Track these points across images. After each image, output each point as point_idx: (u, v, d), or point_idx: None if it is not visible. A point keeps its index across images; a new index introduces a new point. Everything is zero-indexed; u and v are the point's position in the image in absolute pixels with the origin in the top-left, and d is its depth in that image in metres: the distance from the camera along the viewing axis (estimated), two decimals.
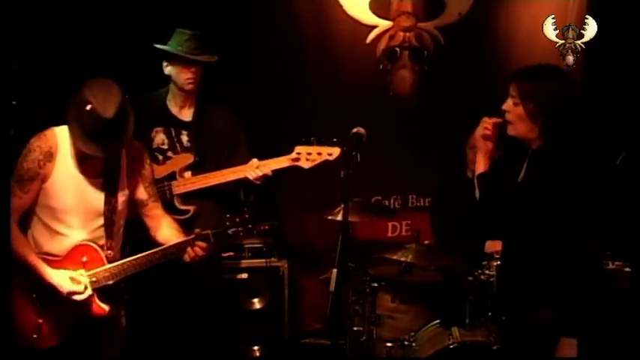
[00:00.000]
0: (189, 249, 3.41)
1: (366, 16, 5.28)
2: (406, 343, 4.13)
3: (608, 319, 3.87)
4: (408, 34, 5.32)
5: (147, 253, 3.37)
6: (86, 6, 4.64)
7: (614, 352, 3.83)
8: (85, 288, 3.23)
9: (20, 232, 3.24)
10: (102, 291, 3.29)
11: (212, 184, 4.07)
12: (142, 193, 3.45)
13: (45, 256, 3.23)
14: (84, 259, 3.26)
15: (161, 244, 3.42)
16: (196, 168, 4.13)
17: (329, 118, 5.01)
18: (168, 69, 4.13)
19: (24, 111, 3.54)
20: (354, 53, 5.31)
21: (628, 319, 3.98)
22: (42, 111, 4.05)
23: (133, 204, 3.44)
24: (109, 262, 3.31)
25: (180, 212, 4.01)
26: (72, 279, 3.22)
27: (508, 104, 3.09)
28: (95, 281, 3.27)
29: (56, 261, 3.25)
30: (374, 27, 5.30)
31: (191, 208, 4.08)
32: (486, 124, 3.15)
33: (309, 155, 4.07)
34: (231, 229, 3.48)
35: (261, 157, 4.12)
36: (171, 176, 4.10)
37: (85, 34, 4.64)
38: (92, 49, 4.60)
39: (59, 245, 3.27)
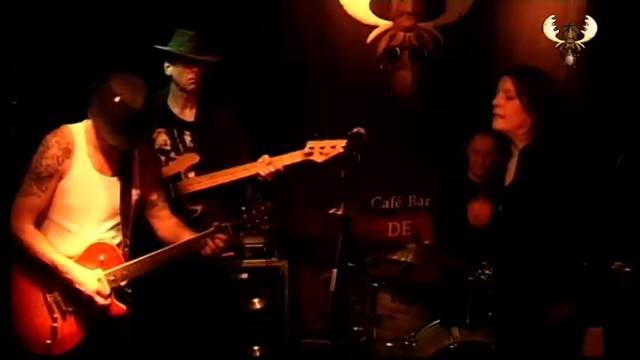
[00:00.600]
0: (209, 241, 3.42)
1: (367, 16, 5.28)
2: (406, 343, 4.14)
3: (609, 319, 3.88)
4: (408, 34, 5.32)
5: (166, 248, 3.37)
6: (86, 6, 4.64)
7: (614, 352, 3.83)
8: (110, 291, 3.23)
9: (37, 230, 3.20)
10: (116, 290, 3.29)
11: (221, 182, 4.03)
12: (152, 193, 3.46)
13: None
14: (101, 257, 3.25)
15: (170, 244, 3.41)
16: (200, 168, 4.12)
17: (329, 118, 5.01)
18: (169, 69, 4.11)
19: (24, 111, 3.53)
20: (355, 53, 5.31)
21: (629, 319, 3.98)
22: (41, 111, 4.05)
23: (143, 204, 3.45)
24: (126, 260, 3.31)
25: (187, 212, 3.99)
26: (99, 280, 3.21)
27: (500, 99, 3.17)
28: (114, 280, 3.26)
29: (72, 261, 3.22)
30: (374, 27, 5.30)
31: (198, 207, 4.05)
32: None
33: (322, 149, 4.00)
34: (249, 222, 3.49)
35: (261, 155, 4.10)
36: (176, 177, 4.07)
37: (84, 35, 4.63)
38: (91, 50, 4.59)
39: (73, 246, 3.24)
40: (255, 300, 4.76)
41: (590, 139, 4.87)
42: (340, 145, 3.96)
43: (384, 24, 5.30)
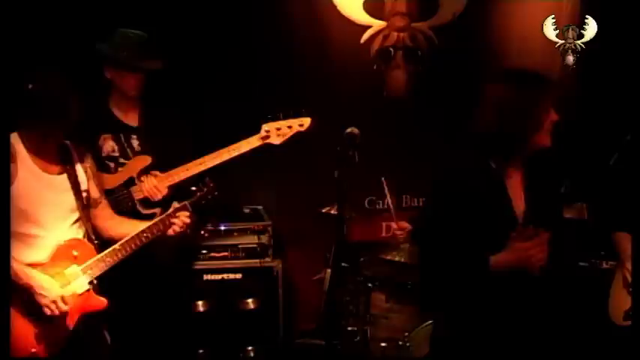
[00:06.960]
0: (175, 220, 3.45)
1: (360, 16, 5.27)
2: (400, 343, 4.14)
3: (601, 319, 3.88)
4: (402, 34, 5.32)
5: (135, 234, 3.37)
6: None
7: (610, 351, 3.83)
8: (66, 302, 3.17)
9: None
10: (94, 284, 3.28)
11: (178, 180, 3.91)
12: (94, 191, 3.42)
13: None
14: (75, 253, 3.24)
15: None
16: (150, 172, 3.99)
17: (322, 118, 4.99)
18: (110, 73, 3.95)
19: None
20: (348, 53, 5.30)
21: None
22: None
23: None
24: (98, 252, 3.29)
25: (145, 217, 3.83)
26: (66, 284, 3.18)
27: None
28: (91, 273, 3.26)
29: (44, 266, 3.18)
30: (368, 27, 5.29)
31: (156, 210, 3.91)
32: None
33: (278, 130, 3.94)
34: (202, 198, 3.56)
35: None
36: (130, 182, 3.96)
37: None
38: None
39: (41, 250, 3.20)
40: (249, 300, 4.74)
41: (585, 138, 4.89)
42: (297, 124, 3.94)
43: (377, 24, 5.30)
